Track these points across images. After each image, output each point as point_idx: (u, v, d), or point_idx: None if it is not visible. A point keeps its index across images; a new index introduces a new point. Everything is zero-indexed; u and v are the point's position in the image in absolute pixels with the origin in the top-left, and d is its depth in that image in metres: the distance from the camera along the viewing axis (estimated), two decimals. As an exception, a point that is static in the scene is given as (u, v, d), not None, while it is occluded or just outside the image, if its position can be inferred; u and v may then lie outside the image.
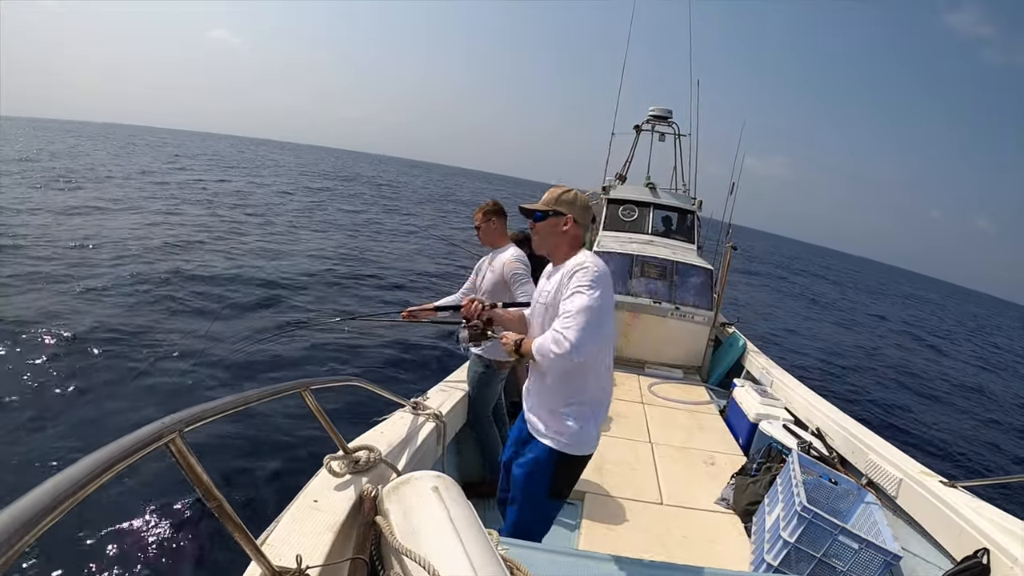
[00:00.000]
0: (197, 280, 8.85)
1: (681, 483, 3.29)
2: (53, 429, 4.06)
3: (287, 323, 7.25)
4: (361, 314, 7.71)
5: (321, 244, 14.08)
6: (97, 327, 6.15)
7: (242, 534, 1.05)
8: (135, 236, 11.49)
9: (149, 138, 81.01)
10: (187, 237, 12.22)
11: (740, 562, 2.60)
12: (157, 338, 6.13)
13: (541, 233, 1.95)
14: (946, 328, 29.04)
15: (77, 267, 8.66)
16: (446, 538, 1.27)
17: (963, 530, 2.25)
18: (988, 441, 9.24)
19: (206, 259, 10.40)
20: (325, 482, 1.65)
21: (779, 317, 17.34)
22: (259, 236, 13.94)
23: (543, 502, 2.00)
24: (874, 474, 2.95)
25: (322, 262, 11.79)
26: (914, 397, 11.23)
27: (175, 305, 7.54)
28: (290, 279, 9.85)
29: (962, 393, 12.87)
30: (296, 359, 6.21)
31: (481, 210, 3.08)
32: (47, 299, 6.97)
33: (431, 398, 2.78)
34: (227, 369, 5.59)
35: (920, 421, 9.48)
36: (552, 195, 1.94)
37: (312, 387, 1.57)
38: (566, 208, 1.91)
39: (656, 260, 5.82)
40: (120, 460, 0.75)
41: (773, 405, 3.98)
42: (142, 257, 9.82)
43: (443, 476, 1.51)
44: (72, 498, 0.64)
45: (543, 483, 1.96)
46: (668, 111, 7.83)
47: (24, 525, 0.56)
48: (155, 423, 0.88)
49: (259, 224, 16.01)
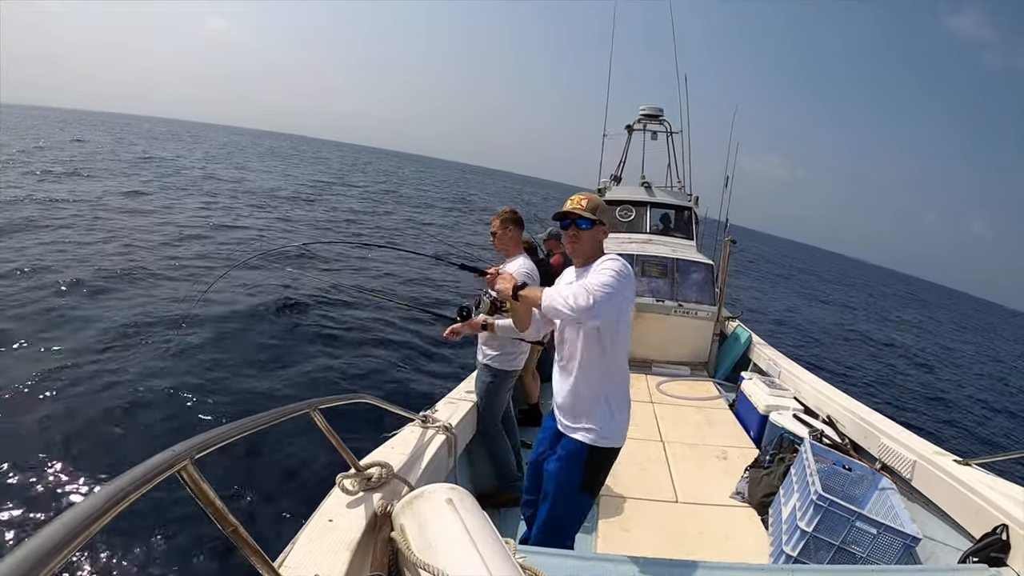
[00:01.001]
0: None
1: (695, 480, 3.28)
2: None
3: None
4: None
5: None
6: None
7: (259, 558, 1.05)
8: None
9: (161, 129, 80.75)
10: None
11: (759, 555, 2.59)
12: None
13: (584, 241, 2.01)
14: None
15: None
16: (463, 549, 1.26)
17: (980, 507, 2.24)
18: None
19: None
20: (339, 500, 1.65)
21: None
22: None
23: (575, 497, 2.05)
24: (887, 458, 2.94)
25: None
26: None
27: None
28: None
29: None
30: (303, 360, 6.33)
31: (499, 217, 3.07)
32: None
33: (440, 410, 2.78)
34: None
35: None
36: (594, 203, 2.01)
37: (320, 407, 1.58)
38: (604, 217, 2.04)
39: (656, 259, 5.83)
40: (132, 491, 0.75)
41: (782, 396, 3.97)
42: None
43: (456, 488, 1.51)
44: (86, 532, 0.64)
45: (576, 477, 2.02)
46: (659, 109, 7.87)
47: (41, 560, 0.56)
48: (166, 452, 0.88)
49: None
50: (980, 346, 25.99)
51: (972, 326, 39.37)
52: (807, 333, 15.84)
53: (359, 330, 7.76)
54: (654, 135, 7.99)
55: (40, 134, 40.49)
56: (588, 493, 2.07)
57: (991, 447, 8.56)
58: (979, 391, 13.72)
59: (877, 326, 21.54)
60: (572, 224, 1.99)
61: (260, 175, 31.64)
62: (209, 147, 55.31)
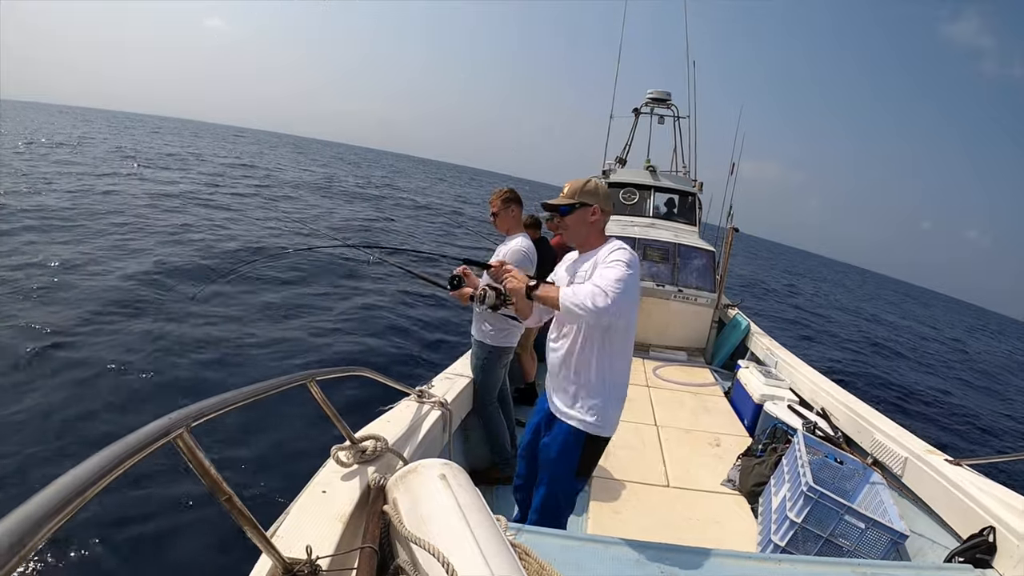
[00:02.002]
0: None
1: (687, 465, 3.31)
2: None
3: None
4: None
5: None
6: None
7: (252, 527, 1.05)
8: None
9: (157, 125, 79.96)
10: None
11: (747, 543, 2.62)
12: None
13: (570, 227, 1.99)
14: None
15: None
16: (454, 525, 1.27)
17: (969, 508, 2.25)
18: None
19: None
20: (333, 472, 1.65)
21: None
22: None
23: (571, 481, 2.07)
24: (879, 453, 2.95)
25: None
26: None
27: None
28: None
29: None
30: (300, 341, 6.33)
31: (499, 197, 3.07)
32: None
33: (436, 386, 2.79)
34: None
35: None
36: (575, 187, 1.97)
37: (317, 378, 1.57)
38: (591, 199, 1.95)
39: (658, 243, 5.80)
40: (128, 458, 0.74)
41: (778, 386, 3.98)
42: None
43: (450, 464, 1.51)
44: (81, 497, 0.63)
45: (572, 462, 2.02)
46: (667, 93, 7.77)
47: (35, 525, 0.55)
48: (162, 419, 0.87)
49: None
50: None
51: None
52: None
53: (360, 306, 7.77)
54: (661, 119, 7.91)
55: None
56: (582, 477, 2.08)
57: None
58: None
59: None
60: (555, 214, 2.01)
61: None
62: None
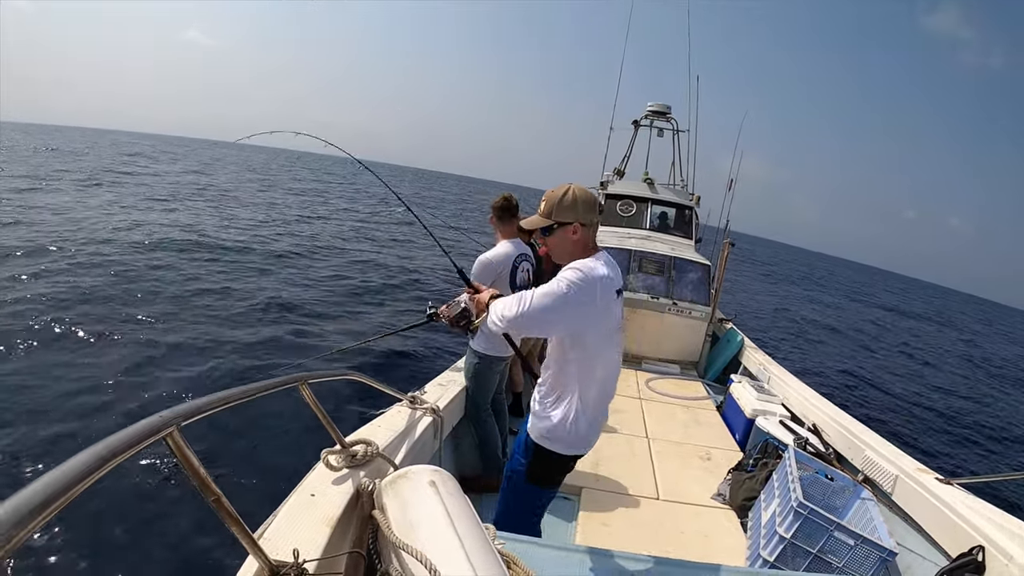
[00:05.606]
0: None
1: (677, 478, 3.30)
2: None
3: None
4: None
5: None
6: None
7: (239, 528, 1.05)
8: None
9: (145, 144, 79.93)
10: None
11: (736, 557, 2.61)
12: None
13: (555, 247, 1.87)
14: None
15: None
16: (443, 532, 1.26)
17: (959, 527, 2.25)
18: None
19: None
20: (322, 476, 1.64)
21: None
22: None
23: (523, 486, 1.96)
24: (870, 471, 2.96)
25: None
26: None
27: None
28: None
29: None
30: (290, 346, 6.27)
31: (492, 207, 3.18)
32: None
33: (428, 392, 2.78)
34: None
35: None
36: (551, 203, 1.79)
37: (310, 381, 1.57)
38: (569, 215, 1.77)
39: (654, 255, 5.82)
40: (117, 454, 0.74)
41: (770, 401, 3.99)
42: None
43: (440, 470, 1.51)
44: (69, 492, 0.63)
45: (521, 466, 1.94)
46: (667, 107, 7.83)
47: (21, 520, 0.55)
48: (153, 417, 0.87)
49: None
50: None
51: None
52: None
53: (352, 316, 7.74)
54: (660, 132, 7.97)
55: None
56: (537, 484, 1.96)
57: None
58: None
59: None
60: (539, 237, 1.93)
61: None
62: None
